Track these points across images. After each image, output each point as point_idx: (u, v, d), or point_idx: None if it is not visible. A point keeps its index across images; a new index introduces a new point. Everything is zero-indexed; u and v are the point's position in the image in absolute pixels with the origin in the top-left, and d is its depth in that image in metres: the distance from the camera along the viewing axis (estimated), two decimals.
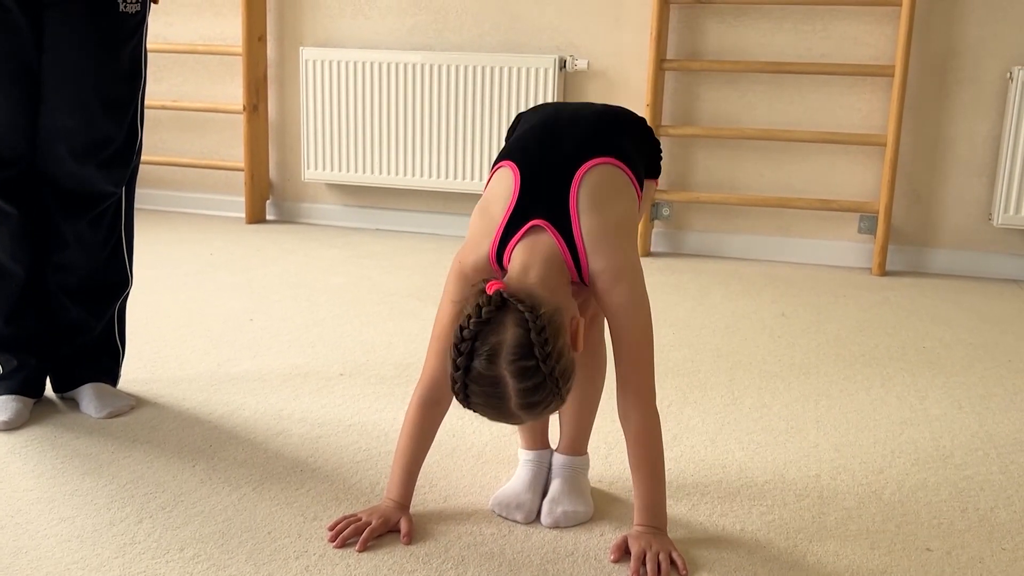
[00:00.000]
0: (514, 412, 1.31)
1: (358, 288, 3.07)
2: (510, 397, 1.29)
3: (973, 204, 3.46)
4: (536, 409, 1.32)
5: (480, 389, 1.30)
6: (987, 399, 2.21)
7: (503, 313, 1.30)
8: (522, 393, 1.29)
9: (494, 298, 1.30)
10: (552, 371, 1.29)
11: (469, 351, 1.29)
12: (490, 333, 1.29)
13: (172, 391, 2.12)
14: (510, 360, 1.28)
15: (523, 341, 1.28)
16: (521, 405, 1.30)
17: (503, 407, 1.31)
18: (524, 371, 1.28)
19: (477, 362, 1.29)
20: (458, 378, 1.31)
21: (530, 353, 1.28)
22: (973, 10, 3.34)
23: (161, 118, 4.16)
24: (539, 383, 1.29)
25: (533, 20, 3.73)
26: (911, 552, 1.52)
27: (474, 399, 1.32)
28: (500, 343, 1.29)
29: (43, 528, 1.51)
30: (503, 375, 1.28)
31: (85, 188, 1.94)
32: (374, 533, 1.48)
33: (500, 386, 1.29)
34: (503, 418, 1.34)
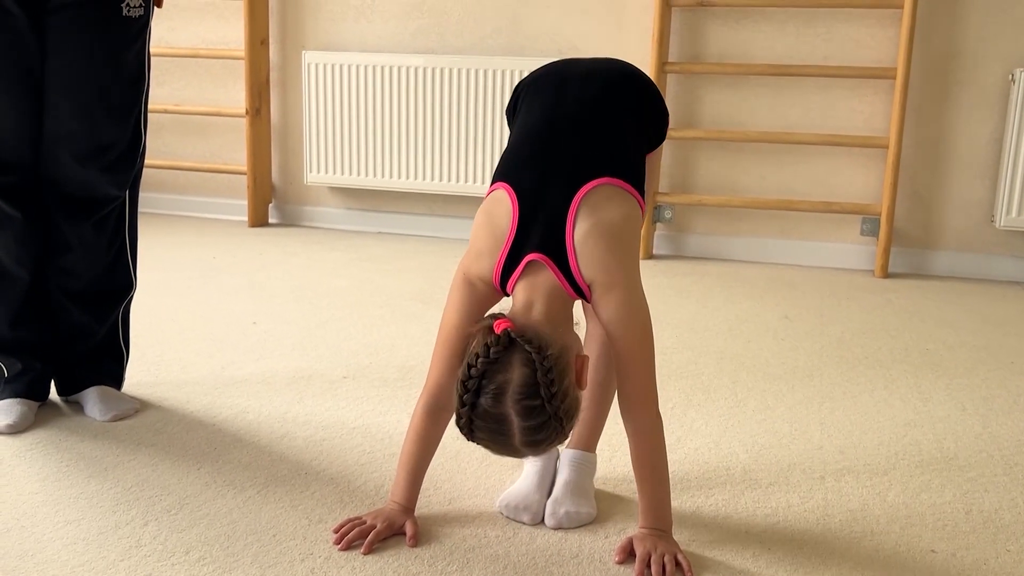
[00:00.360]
0: (517, 448, 1.34)
1: (361, 291, 3.08)
2: (514, 435, 1.32)
3: (975, 206, 3.46)
4: (539, 446, 1.35)
5: (485, 425, 1.32)
6: (990, 401, 2.21)
7: (510, 353, 1.31)
8: (526, 431, 1.31)
9: (502, 338, 1.32)
10: (557, 411, 1.31)
11: (476, 388, 1.31)
12: (497, 372, 1.31)
13: (176, 394, 2.12)
14: (516, 399, 1.30)
15: (530, 381, 1.30)
16: (525, 442, 1.33)
17: (507, 443, 1.33)
18: (530, 410, 1.30)
19: (483, 399, 1.31)
20: (464, 414, 1.33)
21: (536, 393, 1.30)
22: (974, 12, 3.35)
23: (164, 122, 4.17)
24: (544, 422, 1.31)
25: (535, 23, 3.74)
26: (916, 554, 1.52)
27: (479, 434, 1.34)
28: (507, 382, 1.30)
29: (49, 531, 1.52)
30: (508, 413, 1.30)
31: (89, 192, 1.94)
32: (380, 536, 1.48)
33: (505, 424, 1.31)
34: (506, 452, 1.37)
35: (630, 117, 1.53)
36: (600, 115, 1.51)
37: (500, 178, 1.47)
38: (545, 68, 1.62)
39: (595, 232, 1.40)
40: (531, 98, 1.57)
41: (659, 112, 1.60)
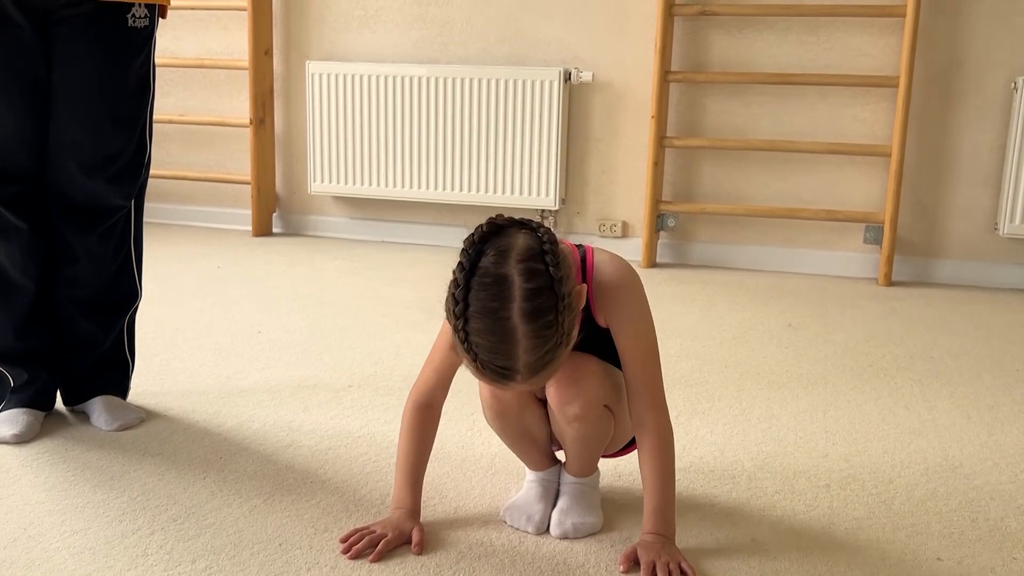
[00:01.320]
0: (515, 324, 1.26)
1: (365, 300, 3.08)
2: (514, 298, 1.26)
3: (978, 214, 3.47)
4: (537, 321, 1.26)
5: (484, 292, 1.27)
6: (995, 409, 2.21)
7: (514, 228, 1.32)
8: (527, 294, 1.26)
9: (506, 216, 1.33)
10: (560, 281, 1.28)
11: (477, 253, 1.29)
12: (500, 238, 1.30)
13: (182, 404, 2.13)
14: (519, 259, 1.28)
15: (533, 246, 1.29)
16: (524, 311, 1.26)
17: (504, 312, 1.26)
18: (532, 272, 1.27)
19: (485, 260, 1.28)
20: (462, 280, 1.28)
21: (539, 258, 1.28)
22: (977, 21, 3.35)
23: (168, 132, 4.18)
24: (545, 287, 1.27)
25: (538, 33, 3.75)
26: (922, 562, 1.52)
27: (474, 306, 1.27)
28: (510, 244, 1.29)
29: (55, 541, 1.52)
30: (510, 273, 1.27)
31: (94, 202, 1.95)
32: (390, 545, 1.48)
33: (505, 283, 1.26)
34: (501, 336, 1.27)
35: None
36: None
37: None
38: None
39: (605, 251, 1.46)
40: None
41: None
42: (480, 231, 1.32)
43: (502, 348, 1.28)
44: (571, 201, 3.84)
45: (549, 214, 3.84)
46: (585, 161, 3.79)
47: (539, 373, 1.31)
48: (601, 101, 3.73)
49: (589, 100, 3.74)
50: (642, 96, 3.65)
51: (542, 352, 1.28)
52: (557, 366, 1.33)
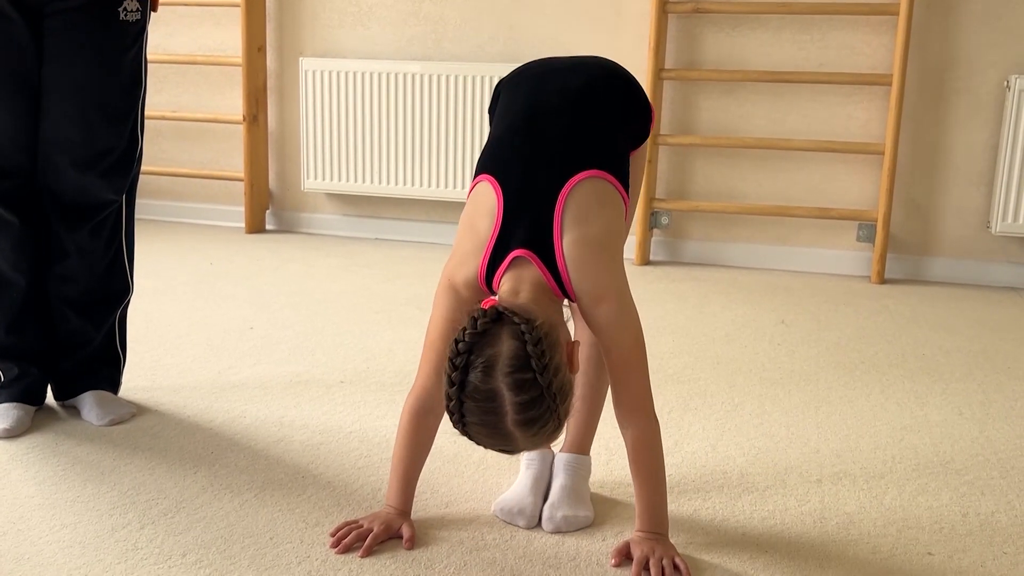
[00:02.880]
0: (510, 430, 1.28)
1: (357, 297, 3.08)
2: (507, 412, 1.26)
3: (971, 212, 3.47)
4: (533, 427, 1.28)
5: (476, 405, 1.27)
6: (987, 405, 2.21)
7: (499, 326, 1.28)
8: (519, 407, 1.26)
9: (489, 312, 1.29)
10: (549, 384, 1.26)
11: (464, 365, 1.27)
12: (486, 346, 1.27)
13: (173, 399, 2.12)
14: (506, 372, 1.26)
15: (519, 353, 1.26)
16: (518, 421, 1.27)
17: (499, 424, 1.27)
18: (521, 384, 1.26)
19: (473, 375, 1.27)
20: (453, 395, 1.28)
21: (527, 365, 1.26)
22: (970, 20, 3.36)
23: (161, 128, 4.17)
24: (536, 397, 1.26)
25: (531, 30, 3.75)
26: (912, 557, 1.52)
27: (469, 417, 1.28)
28: (496, 355, 1.27)
29: (45, 534, 1.51)
30: (499, 388, 1.26)
31: (86, 197, 1.94)
32: (377, 539, 1.48)
33: (496, 400, 1.26)
34: (499, 438, 1.30)
35: (613, 111, 1.52)
36: (583, 107, 1.49)
37: (483, 170, 1.46)
38: (526, 65, 1.62)
39: (584, 244, 1.39)
40: (512, 92, 1.56)
41: (642, 109, 1.58)
42: (463, 339, 1.28)
43: (503, 444, 1.32)
44: None
45: None
46: None
47: (541, 446, 1.45)
48: None
49: None
50: None
51: (542, 439, 1.33)
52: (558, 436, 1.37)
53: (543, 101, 1.51)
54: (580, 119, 1.48)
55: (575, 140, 1.46)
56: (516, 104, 1.53)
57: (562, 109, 1.49)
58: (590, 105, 1.50)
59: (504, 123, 1.52)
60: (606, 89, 1.54)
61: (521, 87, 1.56)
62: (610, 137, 1.49)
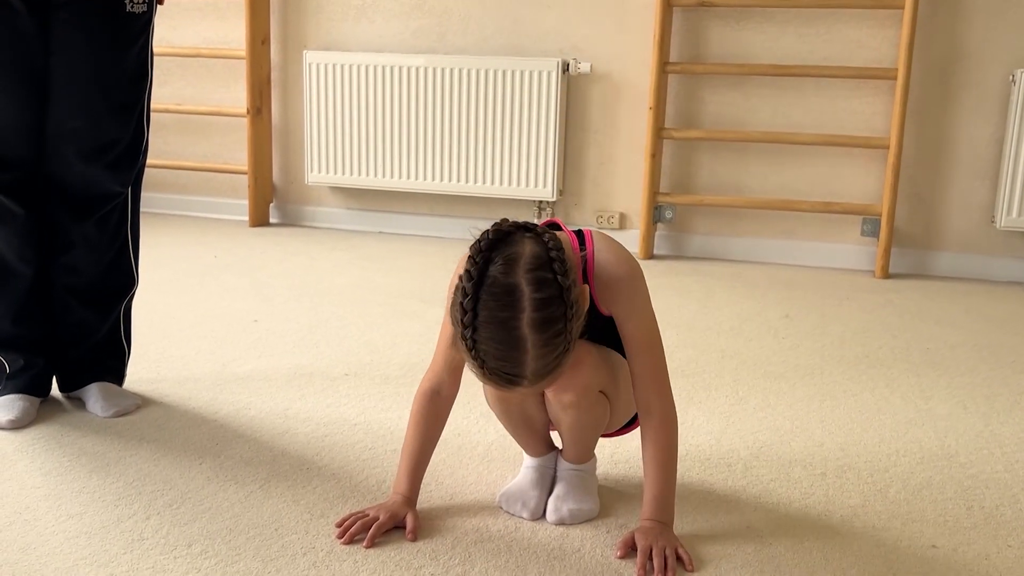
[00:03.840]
0: (524, 334, 1.27)
1: (361, 290, 3.08)
2: (524, 309, 1.26)
3: (976, 207, 3.47)
4: (547, 331, 1.27)
5: (493, 301, 1.27)
6: (992, 399, 2.21)
7: (520, 232, 1.32)
8: (537, 304, 1.26)
9: (512, 222, 1.33)
10: (569, 288, 1.28)
11: (485, 261, 1.29)
12: (507, 245, 1.30)
13: (178, 391, 2.12)
14: (528, 268, 1.28)
15: (541, 254, 1.29)
16: (533, 321, 1.26)
17: (514, 322, 1.26)
18: (541, 281, 1.27)
19: (493, 268, 1.28)
20: (470, 289, 1.28)
21: (548, 266, 1.28)
22: (975, 13, 3.35)
23: (165, 121, 4.17)
24: (555, 296, 1.28)
25: (536, 23, 3.74)
26: (917, 549, 1.52)
27: (482, 315, 1.27)
28: (518, 253, 1.30)
29: (51, 525, 1.52)
30: (519, 283, 1.27)
31: (92, 189, 1.95)
32: (381, 529, 1.48)
33: (515, 294, 1.27)
34: (510, 345, 1.27)
35: None
36: None
37: None
38: None
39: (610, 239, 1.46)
40: None
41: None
42: (486, 238, 1.31)
43: (511, 356, 1.28)
44: (569, 192, 3.84)
45: (547, 205, 3.84)
46: (583, 152, 3.79)
47: (544, 378, 1.33)
48: (599, 92, 3.73)
49: (587, 91, 3.74)
50: (640, 87, 3.65)
51: (550, 359, 1.30)
52: (562, 371, 1.34)
53: None
54: None
55: None
56: None
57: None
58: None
59: None
60: None
61: None
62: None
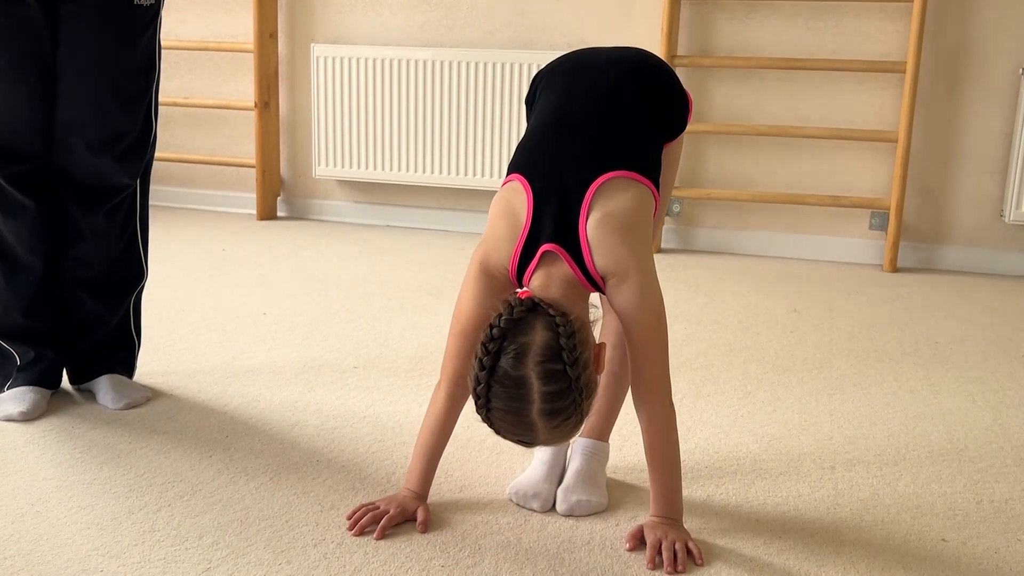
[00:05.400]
0: (534, 419, 1.30)
1: (370, 283, 3.08)
2: (533, 401, 1.29)
3: (985, 201, 3.46)
4: (556, 418, 1.31)
5: (503, 391, 1.30)
6: (1000, 393, 2.21)
7: (533, 316, 1.32)
8: (546, 397, 1.29)
9: (526, 302, 1.33)
10: (578, 378, 1.30)
11: (497, 351, 1.30)
12: (519, 333, 1.31)
13: (188, 383, 2.13)
14: (537, 361, 1.29)
15: (552, 344, 1.30)
16: (543, 411, 1.30)
17: (523, 412, 1.30)
18: (551, 374, 1.29)
19: (504, 360, 1.30)
20: (482, 378, 1.31)
21: (558, 357, 1.29)
22: (985, 6, 3.34)
23: (173, 115, 4.17)
24: (564, 389, 1.29)
25: (544, 16, 3.74)
26: (926, 543, 1.52)
27: (495, 402, 1.31)
28: (529, 343, 1.30)
29: (63, 516, 1.53)
30: (529, 376, 1.29)
31: (101, 181, 1.95)
32: (392, 521, 1.49)
33: (524, 387, 1.29)
34: (521, 427, 1.32)
35: (646, 107, 1.53)
36: (614, 106, 1.50)
37: (515, 169, 1.48)
38: (563, 58, 1.63)
39: (606, 222, 1.40)
40: (547, 89, 1.58)
41: (678, 101, 1.59)
42: (498, 324, 1.32)
43: (524, 433, 1.34)
44: None
45: None
46: None
47: (558, 442, 1.41)
48: None
49: None
50: None
51: (562, 432, 1.35)
52: (575, 434, 1.38)
53: (574, 102, 1.52)
54: (608, 122, 1.49)
55: (603, 143, 1.47)
56: (548, 105, 1.55)
57: (593, 110, 1.50)
58: (622, 104, 1.51)
59: (536, 124, 1.55)
60: (640, 84, 1.55)
61: (554, 86, 1.57)
62: (639, 136, 1.51)
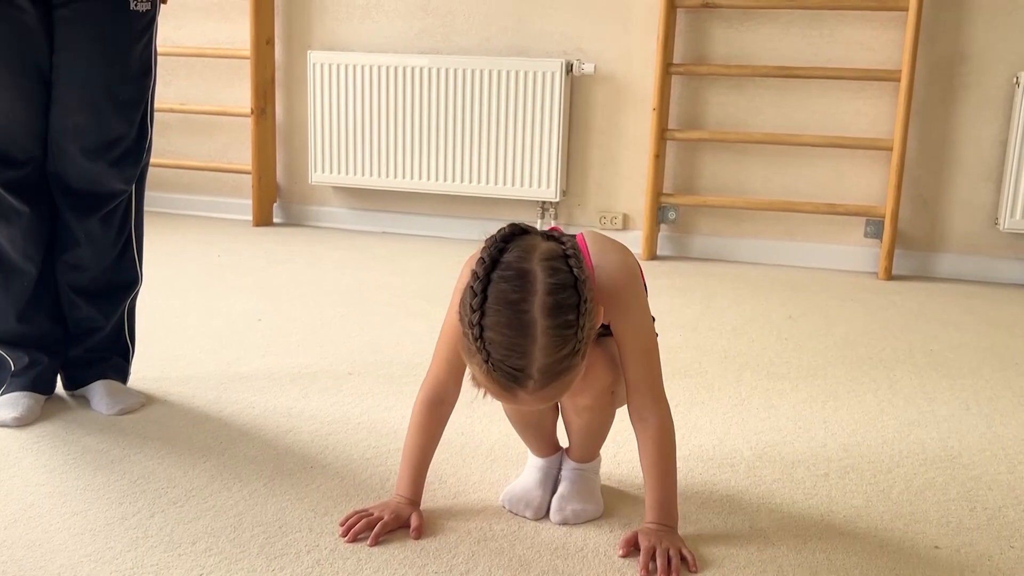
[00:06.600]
0: (534, 317, 1.22)
1: (365, 289, 3.08)
2: (536, 292, 1.23)
3: (979, 209, 3.47)
4: (559, 317, 1.23)
5: (505, 284, 1.23)
6: (995, 401, 2.21)
7: (535, 234, 1.31)
8: (551, 288, 1.23)
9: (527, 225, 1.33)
10: (584, 281, 1.26)
11: (500, 249, 1.27)
12: (523, 239, 1.29)
13: (182, 389, 2.13)
14: (543, 258, 1.26)
15: (556, 250, 1.28)
16: (546, 305, 1.22)
17: (525, 304, 1.23)
18: (556, 269, 1.25)
19: (508, 255, 1.26)
20: (482, 273, 1.25)
21: (563, 260, 1.27)
22: (980, 15, 3.35)
23: (169, 121, 4.18)
24: (569, 283, 1.25)
25: (540, 24, 3.75)
26: (920, 550, 1.52)
27: (491, 302, 1.23)
28: (534, 245, 1.28)
29: (56, 522, 1.52)
30: (534, 269, 1.24)
31: (96, 187, 1.95)
32: (386, 528, 1.49)
33: (528, 278, 1.24)
34: (518, 328, 1.23)
35: None
36: None
37: None
38: None
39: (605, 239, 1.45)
40: None
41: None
42: (502, 232, 1.30)
43: (518, 344, 1.23)
44: (572, 193, 3.84)
45: (550, 206, 3.84)
46: (586, 153, 3.79)
47: (551, 384, 1.26)
48: (603, 93, 3.73)
49: (591, 92, 3.74)
50: (644, 88, 3.65)
51: (558, 356, 1.24)
52: (569, 381, 1.29)
53: None
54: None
55: None
56: None
57: None
58: None
59: None
60: None
61: None
62: None
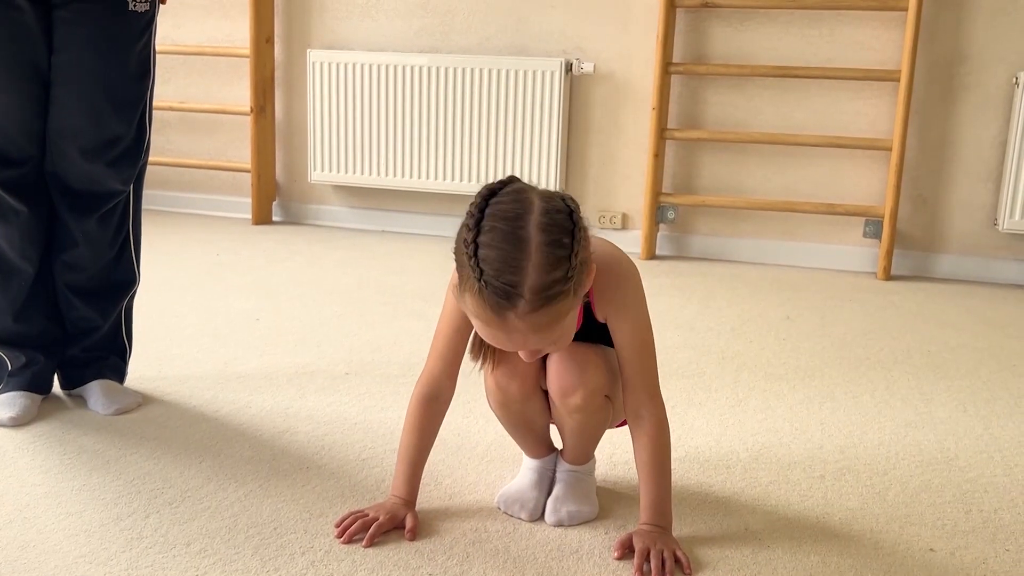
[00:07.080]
0: (530, 233, 1.23)
1: (364, 289, 3.08)
2: (533, 212, 1.25)
3: (979, 209, 3.46)
4: (553, 235, 1.24)
5: (503, 205, 1.26)
6: (992, 403, 2.21)
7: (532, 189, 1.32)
8: (547, 210, 1.26)
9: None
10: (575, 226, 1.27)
11: (500, 183, 1.30)
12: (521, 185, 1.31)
13: (179, 389, 2.13)
14: (541, 195, 1.28)
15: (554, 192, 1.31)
16: (541, 224, 1.24)
17: (521, 221, 1.24)
18: (552, 198, 1.29)
19: (505, 189, 1.29)
20: (480, 200, 1.27)
21: (560, 200, 1.29)
22: (979, 15, 3.35)
23: (169, 119, 4.18)
24: (564, 210, 1.27)
25: (539, 23, 3.74)
26: (915, 553, 1.52)
27: (489, 219, 1.25)
28: (531, 187, 1.31)
29: (51, 523, 1.52)
30: (532, 198, 1.27)
31: (94, 187, 1.95)
32: (381, 529, 1.49)
33: (525, 201, 1.26)
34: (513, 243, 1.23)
35: None
36: None
37: None
38: None
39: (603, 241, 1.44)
40: None
41: None
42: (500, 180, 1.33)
43: (513, 258, 1.22)
44: (571, 192, 3.80)
45: None
46: (585, 152, 3.79)
47: (542, 308, 1.23)
48: (602, 92, 3.73)
49: (590, 91, 3.74)
50: (643, 88, 3.65)
51: (551, 278, 1.23)
52: (559, 312, 1.25)
53: None
54: None
55: None
56: None
57: None
58: None
59: None
60: None
61: None
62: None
